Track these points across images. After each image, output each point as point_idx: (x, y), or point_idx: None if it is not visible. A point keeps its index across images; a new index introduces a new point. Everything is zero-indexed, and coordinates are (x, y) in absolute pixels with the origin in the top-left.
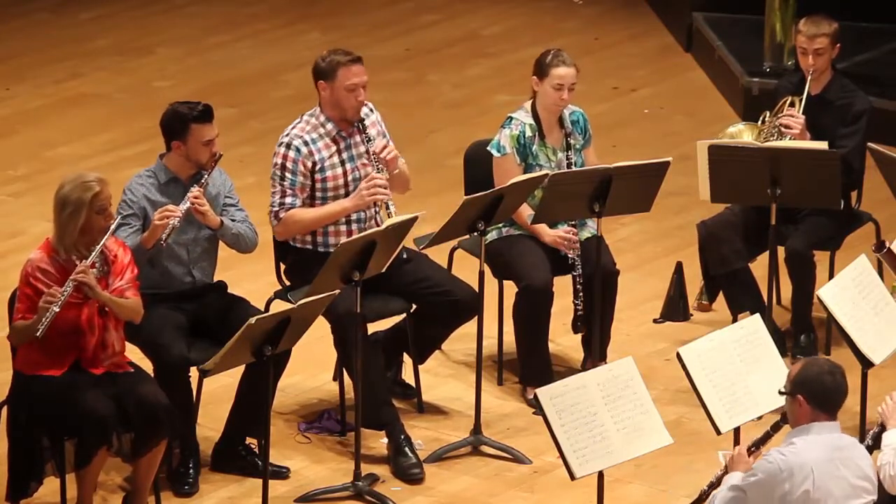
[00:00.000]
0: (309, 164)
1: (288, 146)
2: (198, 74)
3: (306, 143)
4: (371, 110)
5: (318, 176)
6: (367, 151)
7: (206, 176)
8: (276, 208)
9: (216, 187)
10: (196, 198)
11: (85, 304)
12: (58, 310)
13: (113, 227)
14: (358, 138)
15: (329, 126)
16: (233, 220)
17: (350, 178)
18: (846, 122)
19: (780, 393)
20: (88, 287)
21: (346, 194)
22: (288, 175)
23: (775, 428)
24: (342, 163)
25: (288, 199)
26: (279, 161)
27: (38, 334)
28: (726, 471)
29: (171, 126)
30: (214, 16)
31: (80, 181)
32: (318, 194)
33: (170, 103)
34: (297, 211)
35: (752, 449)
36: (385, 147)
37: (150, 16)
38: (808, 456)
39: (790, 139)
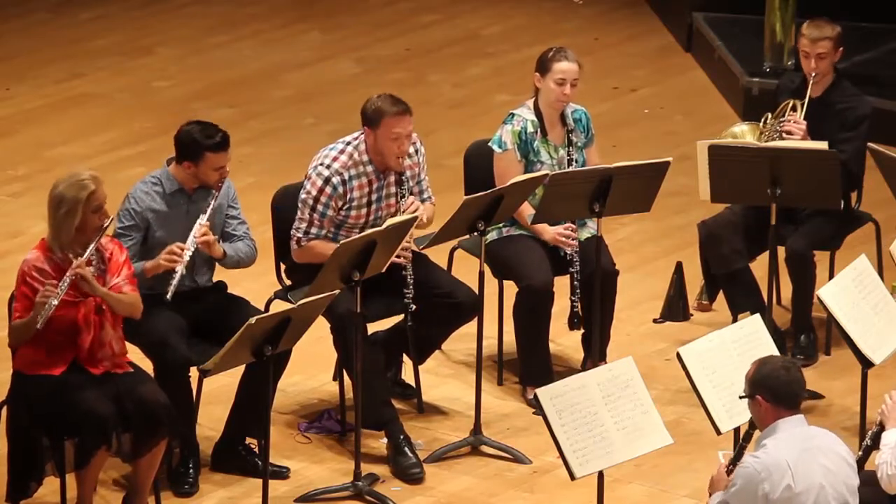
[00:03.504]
0: (340, 203)
1: (327, 181)
2: (198, 74)
3: (344, 182)
4: (416, 150)
5: (342, 212)
6: (397, 202)
7: (212, 203)
8: (300, 235)
9: (220, 197)
10: (203, 234)
11: (81, 302)
12: (56, 302)
13: (107, 224)
14: (392, 179)
15: (370, 168)
16: (234, 234)
17: (371, 217)
18: (847, 126)
19: (741, 397)
20: (85, 280)
21: (360, 231)
22: (319, 207)
23: (747, 438)
24: (368, 203)
25: (314, 230)
26: (314, 192)
27: (38, 326)
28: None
29: (186, 148)
30: (214, 16)
31: (74, 180)
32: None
33: (188, 122)
34: (320, 243)
35: (731, 467)
36: (415, 209)
37: (150, 16)
38: (782, 453)
39: None
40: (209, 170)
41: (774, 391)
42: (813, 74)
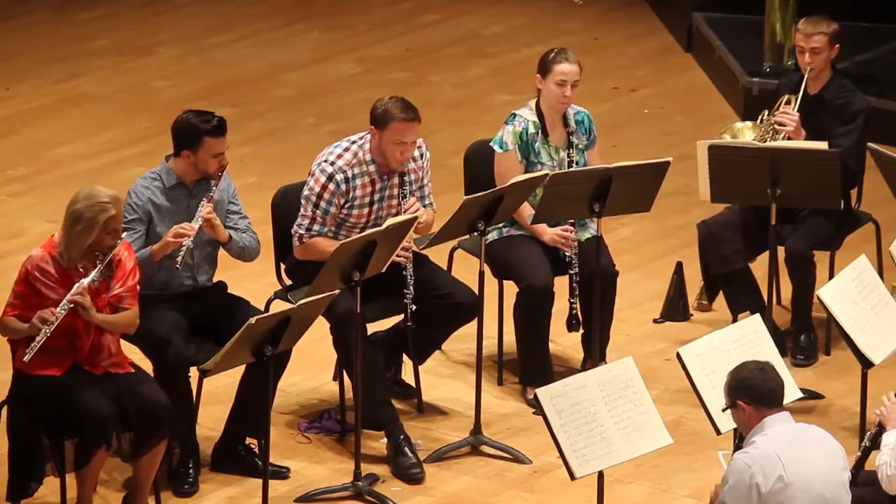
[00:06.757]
0: (342, 201)
1: (330, 178)
2: (198, 74)
3: (347, 180)
4: (421, 155)
5: (343, 210)
6: (399, 203)
7: (214, 189)
8: (302, 231)
9: (221, 192)
10: (208, 213)
11: None
12: (49, 333)
13: (119, 244)
14: (395, 181)
15: (372, 168)
16: (236, 229)
17: (372, 217)
18: (843, 121)
19: (723, 410)
20: (83, 309)
21: (361, 230)
22: (322, 204)
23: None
24: (370, 203)
25: (316, 227)
26: (317, 189)
27: (25, 360)
28: None
29: (184, 136)
30: (214, 16)
31: (95, 200)
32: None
33: (184, 111)
34: (322, 240)
35: None
36: (416, 210)
37: (150, 16)
38: (771, 446)
39: (785, 137)
40: (208, 156)
41: (753, 391)
42: (808, 69)
